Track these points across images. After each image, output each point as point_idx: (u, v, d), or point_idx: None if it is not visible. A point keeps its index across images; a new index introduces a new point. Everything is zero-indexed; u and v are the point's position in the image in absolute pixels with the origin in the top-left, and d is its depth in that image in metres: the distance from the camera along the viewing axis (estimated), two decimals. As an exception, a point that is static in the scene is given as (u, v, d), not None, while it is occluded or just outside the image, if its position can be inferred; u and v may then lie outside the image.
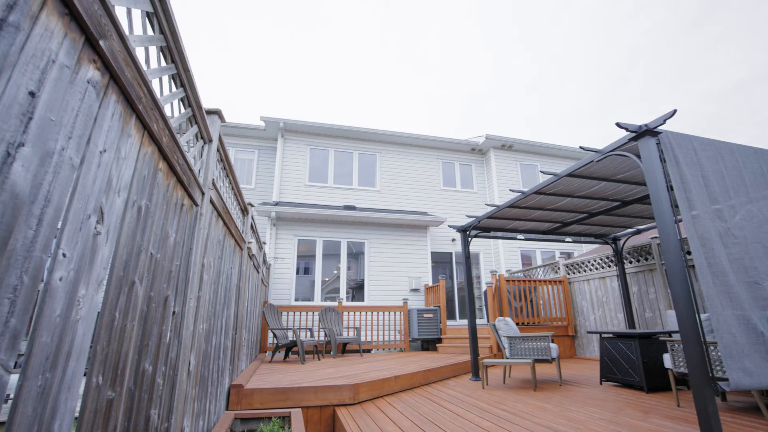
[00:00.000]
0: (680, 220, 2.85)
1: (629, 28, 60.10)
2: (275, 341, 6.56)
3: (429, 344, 8.76)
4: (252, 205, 4.63)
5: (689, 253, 5.14)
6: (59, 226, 0.92)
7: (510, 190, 4.62)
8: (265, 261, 7.68)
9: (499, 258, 11.43)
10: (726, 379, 2.69)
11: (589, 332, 5.17)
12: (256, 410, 3.56)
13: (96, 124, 1.02)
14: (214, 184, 2.56)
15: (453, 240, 11.35)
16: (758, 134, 56.83)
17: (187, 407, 2.25)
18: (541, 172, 4.11)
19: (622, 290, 6.56)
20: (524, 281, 7.91)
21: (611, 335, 4.90)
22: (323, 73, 76.27)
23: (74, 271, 0.98)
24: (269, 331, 7.44)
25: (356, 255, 10.12)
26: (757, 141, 58.22)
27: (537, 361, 4.78)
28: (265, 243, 8.10)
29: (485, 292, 7.91)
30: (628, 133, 2.99)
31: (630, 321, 6.37)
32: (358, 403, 4.00)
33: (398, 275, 10.01)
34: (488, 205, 5.06)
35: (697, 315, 2.58)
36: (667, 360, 3.76)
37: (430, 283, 9.98)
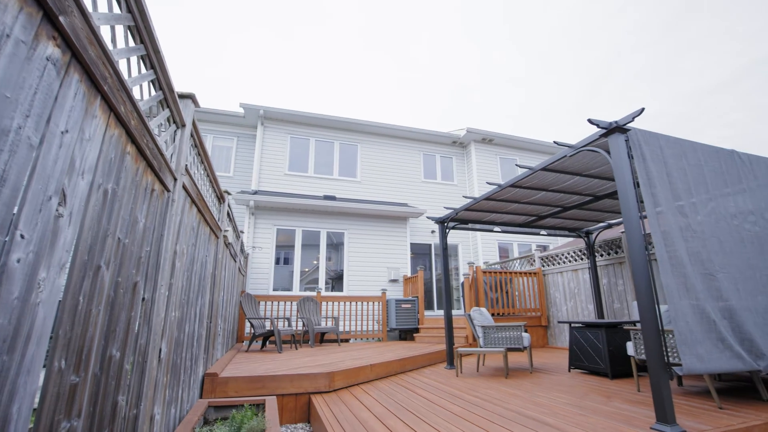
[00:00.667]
0: (645, 216, 2.98)
1: (612, 27, 61.36)
2: (252, 331, 6.53)
3: (407, 334, 8.88)
4: (228, 193, 4.56)
5: (652, 246, 5.36)
6: (17, 206, 0.90)
7: (487, 183, 4.70)
8: (242, 250, 7.59)
9: (477, 250, 11.63)
10: (680, 365, 2.85)
11: (560, 322, 5.35)
12: (230, 398, 3.56)
13: (57, 103, 0.99)
14: (187, 170, 2.52)
15: (432, 232, 11.47)
16: (730, 135, 59.40)
17: (158, 394, 2.23)
18: (516, 165, 4.20)
19: (593, 282, 6.80)
20: (501, 273, 8.09)
21: (580, 325, 5.09)
22: (306, 64, 74.93)
23: (34, 254, 0.96)
24: (246, 320, 7.39)
25: (336, 245, 10.12)
26: (728, 142, 60.80)
27: (510, 349, 4.93)
28: (242, 232, 8.00)
29: (463, 284, 8.07)
30: (599, 129, 3.09)
31: (599, 312, 6.62)
32: (333, 391, 4.05)
33: (377, 266, 10.07)
34: (466, 197, 5.13)
35: (656, 305, 2.71)
36: (630, 348, 3.95)
37: (409, 274, 10.09)
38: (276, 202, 9.32)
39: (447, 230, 5.88)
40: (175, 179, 2.28)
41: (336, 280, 9.97)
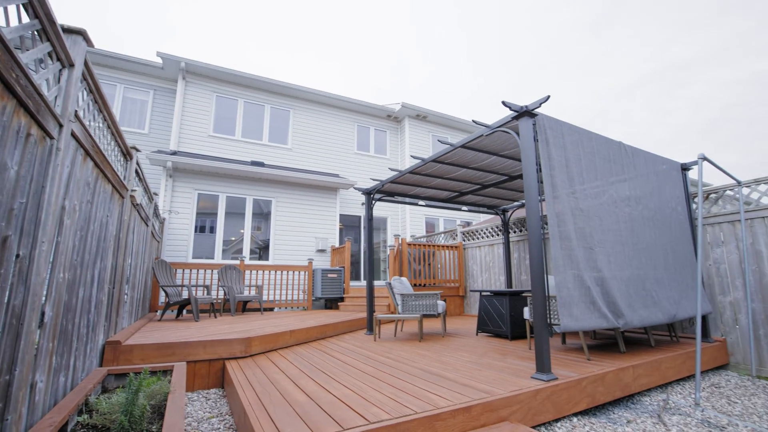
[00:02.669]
0: (543, 199, 3.31)
1: (546, 21, 64.83)
2: (167, 299, 6.18)
3: (332, 303, 9.03)
4: (137, 150, 4.16)
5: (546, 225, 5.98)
6: None
7: (411, 157, 4.83)
8: (157, 214, 7.03)
9: (406, 224, 12.03)
10: (559, 324, 3.29)
11: (471, 291, 5.82)
12: (135, 366, 3.38)
13: None
14: (78, 117, 2.25)
15: (363, 204, 11.58)
16: (634, 132, 67.33)
17: (42, 361, 2.05)
18: (438, 141, 4.36)
19: (505, 256, 7.44)
20: (425, 246, 8.49)
21: (489, 293, 5.58)
22: (238, 25, 68.87)
23: None
24: (160, 288, 6.96)
25: (265, 214, 9.79)
26: (630, 138, 68.97)
27: (425, 316, 5.27)
28: (156, 194, 7.37)
29: (389, 255, 8.34)
30: (512, 112, 3.31)
31: (509, 283, 7.30)
32: (249, 356, 4.03)
33: (305, 235, 9.99)
34: (392, 170, 5.25)
35: (545, 275, 3.07)
36: (527, 312, 4.45)
37: (337, 245, 10.16)
38: (198, 164, 8.70)
39: (373, 202, 5.99)
40: (61, 125, 2.03)
41: (263, 250, 9.71)
